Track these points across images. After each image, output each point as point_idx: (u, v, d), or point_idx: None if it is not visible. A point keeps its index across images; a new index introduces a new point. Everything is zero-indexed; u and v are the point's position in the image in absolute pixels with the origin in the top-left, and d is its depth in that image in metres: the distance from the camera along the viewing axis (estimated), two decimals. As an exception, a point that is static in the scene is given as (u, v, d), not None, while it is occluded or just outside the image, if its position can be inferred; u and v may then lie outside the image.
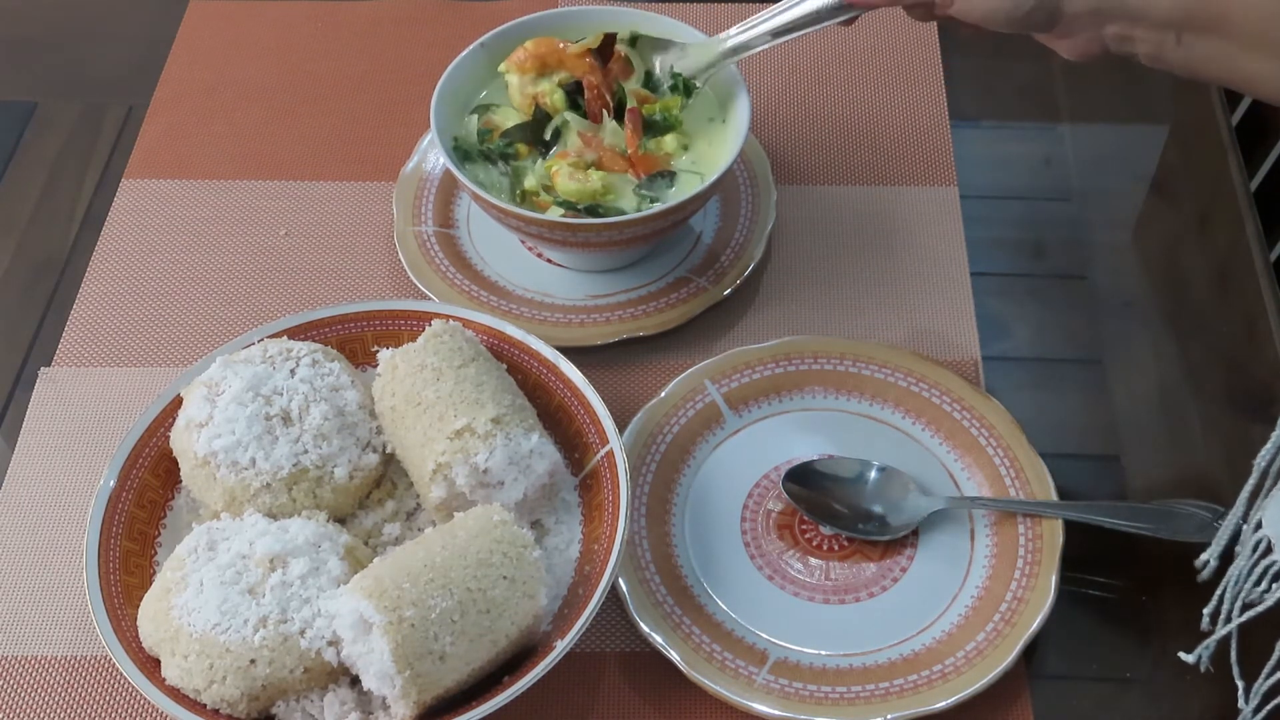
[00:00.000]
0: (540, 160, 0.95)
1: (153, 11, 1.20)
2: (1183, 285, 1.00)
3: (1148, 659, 0.82)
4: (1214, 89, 1.08)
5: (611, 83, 0.98)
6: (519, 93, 0.97)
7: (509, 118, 0.97)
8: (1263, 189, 1.07)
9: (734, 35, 0.94)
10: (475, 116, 0.98)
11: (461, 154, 0.95)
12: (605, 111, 0.96)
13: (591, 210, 0.92)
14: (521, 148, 0.96)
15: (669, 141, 0.96)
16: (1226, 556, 0.75)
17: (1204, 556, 0.76)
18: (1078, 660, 0.82)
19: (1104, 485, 0.90)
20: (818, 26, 0.89)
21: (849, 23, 0.88)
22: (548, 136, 0.96)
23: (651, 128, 0.96)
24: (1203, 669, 0.75)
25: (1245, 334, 0.96)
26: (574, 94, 0.97)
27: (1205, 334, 0.97)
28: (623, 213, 0.92)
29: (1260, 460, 0.70)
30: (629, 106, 0.96)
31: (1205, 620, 0.75)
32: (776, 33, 0.91)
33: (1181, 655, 0.76)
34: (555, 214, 0.92)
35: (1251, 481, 0.71)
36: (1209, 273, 1.00)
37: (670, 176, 0.95)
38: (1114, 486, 0.89)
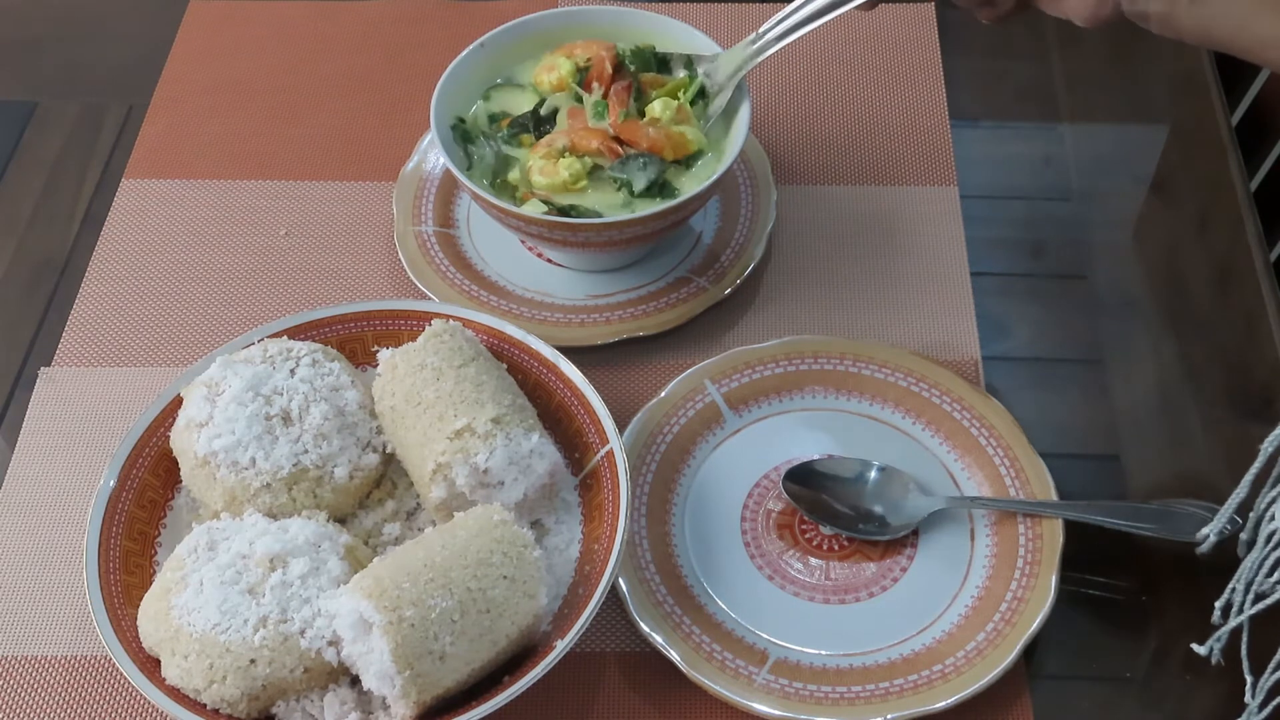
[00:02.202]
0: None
1: (153, 11, 1.20)
2: (1183, 285, 1.00)
3: (1148, 659, 0.82)
4: (1214, 89, 1.08)
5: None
6: (544, 77, 0.98)
7: (522, 103, 0.98)
8: (1263, 189, 1.07)
9: (762, 34, 0.93)
10: (484, 101, 0.98)
11: (463, 134, 0.96)
12: (597, 82, 0.96)
13: (564, 210, 0.92)
14: (526, 138, 0.96)
15: (657, 107, 0.95)
16: (1229, 544, 0.75)
17: (1204, 530, 0.76)
18: (1078, 660, 0.82)
19: (1104, 485, 0.89)
20: (838, 11, 0.88)
21: (869, 6, 0.87)
22: (543, 112, 0.97)
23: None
24: (1214, 662, 0.75)
25: (1245, 334, 0.96)
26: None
27: (1205, 334, 0.97)
28: (595, 211, 0.92)
29: (1268, 445, 0.69)
30: (621, 84, 0.96)
31: (1216, 613, 0.75)
32: (799, 25, 0.91)
33: (1194, 647, 0.75)
34: (537, 207, 0.91)
35: (1257, 465, 0.71)
36: (1209, 273, 1.00)
37: (644, 159, 0.93)
38: (1114, 486, 0.89)
